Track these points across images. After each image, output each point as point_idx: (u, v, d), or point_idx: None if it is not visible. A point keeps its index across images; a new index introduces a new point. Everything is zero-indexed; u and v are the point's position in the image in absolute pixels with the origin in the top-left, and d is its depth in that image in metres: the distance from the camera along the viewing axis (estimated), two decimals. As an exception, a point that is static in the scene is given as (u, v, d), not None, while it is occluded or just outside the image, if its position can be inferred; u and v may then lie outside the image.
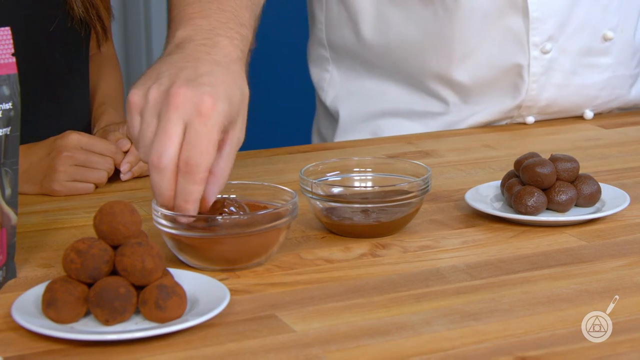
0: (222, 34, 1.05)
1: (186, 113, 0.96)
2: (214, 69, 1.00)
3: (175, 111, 0.96)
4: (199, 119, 0.96)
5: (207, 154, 0.97)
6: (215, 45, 1.04)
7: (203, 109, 0.96)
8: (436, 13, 1.50)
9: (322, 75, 1.66)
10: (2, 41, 0.96)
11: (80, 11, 1.38)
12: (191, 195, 0.97)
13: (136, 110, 1.00)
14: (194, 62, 1.01)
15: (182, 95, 0.97)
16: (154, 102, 0.98)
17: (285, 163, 1.40)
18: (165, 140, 0.96)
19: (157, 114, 0.98)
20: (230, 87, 1.00)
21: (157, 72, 1.01)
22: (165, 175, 0.97)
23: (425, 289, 0.98)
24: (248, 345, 0.86)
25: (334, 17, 1.60)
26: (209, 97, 0.97)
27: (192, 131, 0.96)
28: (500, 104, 1.57)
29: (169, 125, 0.96)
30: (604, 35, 1.56)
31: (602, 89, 1.60)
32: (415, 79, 1.57)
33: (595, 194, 1.17)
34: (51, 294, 0.89)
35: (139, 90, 1.00)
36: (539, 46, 1.52)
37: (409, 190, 1.10)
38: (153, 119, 0.98)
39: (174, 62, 1.01)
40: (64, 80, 1.41)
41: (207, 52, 1.03)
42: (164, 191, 0.98)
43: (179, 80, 0.98)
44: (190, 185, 0.97)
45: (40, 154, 1.26)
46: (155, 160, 0.96)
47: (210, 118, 0.97)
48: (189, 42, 1.04)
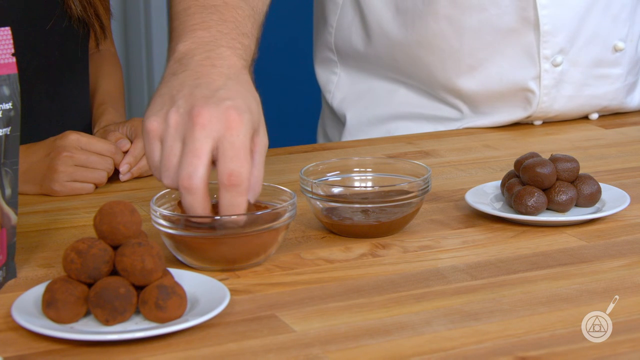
0: (224, 45, 1.04)
1: (214, 131, 0.95)
2: (227, 83, 1.00)
3: (202, 130, 0.95)
4: (229, 132, 0.96)
5: (247, 163, 0.96)
6: (219, 57, 1.03)
7: (232, 123, 0.96)
8: (444, 27, 1.50)
9: (330, 77, 1.65)
10: (2, 41, 0.96)
11: (78, 10, 1.38)
12: (239, 207, 0.97)
13: (155, 136, 0.98)
14: (205, 79, 1.00)
15: (207, 114, 0.96)
16: (176, 125, 0.97)
17: (285, 163, 1.40)
18: (195, 160, 0.95)
19: (180, 137, 0.96)
20: (247, 97, 1.00)
21: (170, 96, 0.99)
22: (198, 195, 0.96)
23: (425, 289, 0.98)
24: (248, 345, 0.86)
25: (346, 22, 1.59)
26: (233, 111, 0.96)
27: (227, 144, 0.95)
28: (511, 115, 1.56)
29: (197, 145, 0.95)
30: (614, 46, 1.56)
31: (613, 99, 1.60)
32: (424, 87, 1.57)
33: (595, 194, 1.17)
34: (51, 294, 0.89)
35: (156, 117, 0.98)
36: (550, 59, 1.51)
37: (409, 190, 1.10)
38: (176, 143, 0.97)
39: (184, 82, 1.00)
40: (63, 79, 1.41)
41: (212, 64, 1.02)
42: (199, 210, 0.97)
43: (197, 100, 0.97)
44: (237, 198, 0.96)
45: (40, 154, 1.26)
46: (186, 182, 0.95)
47: (240, 130, 0.96)
48: (192, 57, 1.03)
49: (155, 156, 0.98)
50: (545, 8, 1.48)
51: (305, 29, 2.01)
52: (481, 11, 1.48)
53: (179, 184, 0.96)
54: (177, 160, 0.96)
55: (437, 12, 1.49)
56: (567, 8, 1.50)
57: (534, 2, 1.47)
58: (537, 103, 1.54)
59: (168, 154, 0.97)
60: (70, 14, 1.38)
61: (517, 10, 1.48)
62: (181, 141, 0.97)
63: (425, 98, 1.58)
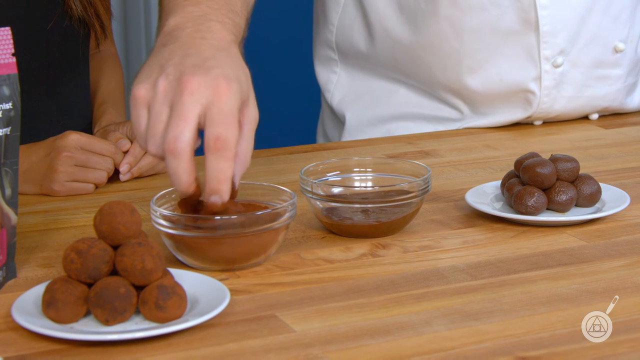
0: (214, 19, 1.04)
1: (202, 97, 0.95)
2: (216, 53, 1.00)
3: (191, 96, 0.95)
4: (218, 98, 0.95)
5: (234, 129, 0.96)
6: (209, 30, 1.03)
7: (220, 90, 0.96)
8: (445, 27, 1.49)
9: (329, 76, 1.65)
10: (2, 41, 0.96)
11: (79, 10, 1.38)
12: (224, 173, 0.95)
13: (143, 103, 0.98)
14: (194, 49, 1.00)
15: (196, 81, 0.96)
16: (164, 92, 0.97)
17: (285, 163, 1.40)
18: (182, 123, 0.94)
19: (168, 103, 0.96)
20: (237, 68, 1.00)
21: (160, 64, 0.99)
22: (183, 158, 0.95)
23: (425, 289, 0.98)
24: (248, 345, 0.86)
25: (348, 21, 1.59)
26: (222, 79, 0.96)
27: (215, 110, 0.95)
28: (512, 115, 1.56)
29: (185, 109, 0.95)
30: (615, 47, 1.56)
31: (613, 100, 1.60)
32: (425, 87, 1.57)
33: (595, 194, 1.17)
34: (51, 294, 0.89)
35: (144, 84, 0.98)
36: (551, 60, 1.51)
37: (409, 190, 1.10)
38: (164, 108, 0.96)
39: (174, 52, 1.00)
40: (64, 79, 1.41)
41: (202, 37, 1.02)
42: (183, 176, 0.95)
43: (187, 68, 0.97)
44: (223, 163, 0.95)
45: (40, 154, 1.26)
46: (172, 144, 0.94)
47: (229, 97, 0.96)
48: (182, 30, 1.03)
49: (142, 123, 0.98)
50: (545, 9, 1.48)
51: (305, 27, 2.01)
52: (482, 12, 1.48)
53: (165, 148, 0.95)
54: (164, 127, 0.96)
55: (438, 13, 1.48)
56: (568, 9, 1.50)
57: (534, 3, 1.47)
58: (538, 104, 1.54)
59: (155, 120, 0.96)
60: (71, 14, 1.38)
61: (517, 11, 1.48)
62: (169, 107, 0.96)
63: (425, 98, 1.58)
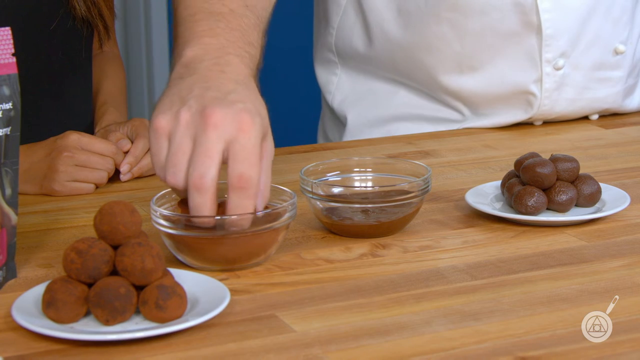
0: (232, 53, 1.04)
1: (226, 132, 0.95)
2: (236, 87, 1.00)
3: (215, 131, 0.95)
4: (242, 134, 0.96)
5: (258, 167, 0.96)
6: (228, 64, 1.03)
7: (244, 126, 0.96)
8: (446, 30, 1.49)
9: (330, 78, 1.65)
10: (2, 41, 0.96)
11: (82, 10, 1.38)
12: (247, 210, 0.97)
13: (164, 134, 0.98)
14: (214, 82, 1.00)
15: (219, 115, 0.96)
16: (186, 124, 0.96)
17: (285, 163, 1.40)
18: (207, 160, 0.95)
19: (190, 135, 0.96)
20: (257, 102, 1.00)
21: (180, 96, 0.99)
22: (208, 196, 0.95)
23: (425, 289, 0.98)
24: (248, 345, 0.86)
25: (348, 24, 1.59)
26: (245, 113, 0.97)
27: (239, 147, 0.95)
28: (512, 117, 1.56)
29: (209, 145, 0.95)
30: (615, 49, 1.56)
31: (613, 101, 1.60)
32: (425, 88, 1.57)
33: (595, 194, 1.17)
34: (51, 294, 0.89)
35: (165, 115, 0.98)
36: (552, 62, 1.51)
37: (409, 190, 1.10)
38: (186, 140, 0.96)
39: (194, 84, 1.00)
40: (66, 79, 1.41)
41: (220, 70, 1.02)
42: (209, 212, 0.96)
43: (209, 101, 0.97)
44: (246, 200, 0.96)
45: (41, 154, 1.26)
46: (198, 181, 0.95)
47: (252, 133, 0.96)
48: (200, 62, 1.03)
49: (162, 154, 0.98)
50: (547, 12, 1.48)
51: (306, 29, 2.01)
52: (483, 15, 1.48)
53: (190, 183, 0.95)
54: (186, 158, 0.96)
55: (439, 15, 1.48)
56: (570, 12, 1.50)
57: (536, 6, 1.47)
58: (538, 106, 1.54)
59: (176, 150, 0.97)
60: (75, 14, 1.38)
61: (519, 15, 1.48)
62: (191, 139, 0.96)
63: (426, 100, 1.58)
